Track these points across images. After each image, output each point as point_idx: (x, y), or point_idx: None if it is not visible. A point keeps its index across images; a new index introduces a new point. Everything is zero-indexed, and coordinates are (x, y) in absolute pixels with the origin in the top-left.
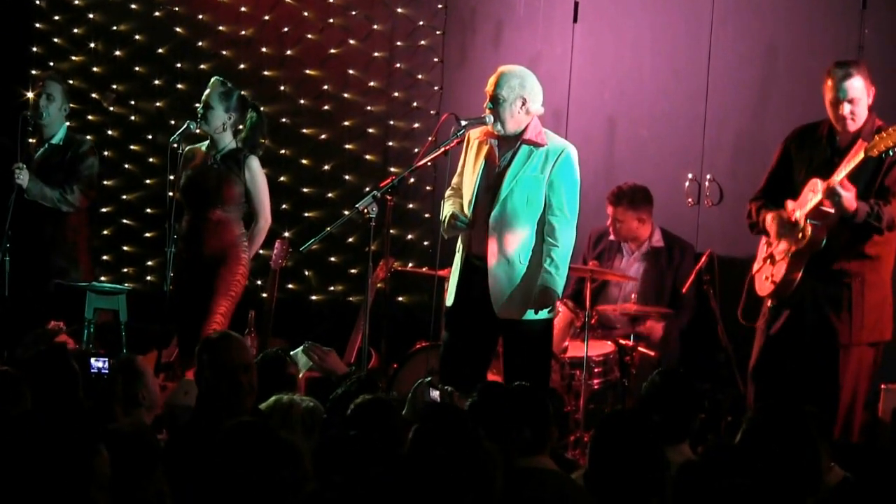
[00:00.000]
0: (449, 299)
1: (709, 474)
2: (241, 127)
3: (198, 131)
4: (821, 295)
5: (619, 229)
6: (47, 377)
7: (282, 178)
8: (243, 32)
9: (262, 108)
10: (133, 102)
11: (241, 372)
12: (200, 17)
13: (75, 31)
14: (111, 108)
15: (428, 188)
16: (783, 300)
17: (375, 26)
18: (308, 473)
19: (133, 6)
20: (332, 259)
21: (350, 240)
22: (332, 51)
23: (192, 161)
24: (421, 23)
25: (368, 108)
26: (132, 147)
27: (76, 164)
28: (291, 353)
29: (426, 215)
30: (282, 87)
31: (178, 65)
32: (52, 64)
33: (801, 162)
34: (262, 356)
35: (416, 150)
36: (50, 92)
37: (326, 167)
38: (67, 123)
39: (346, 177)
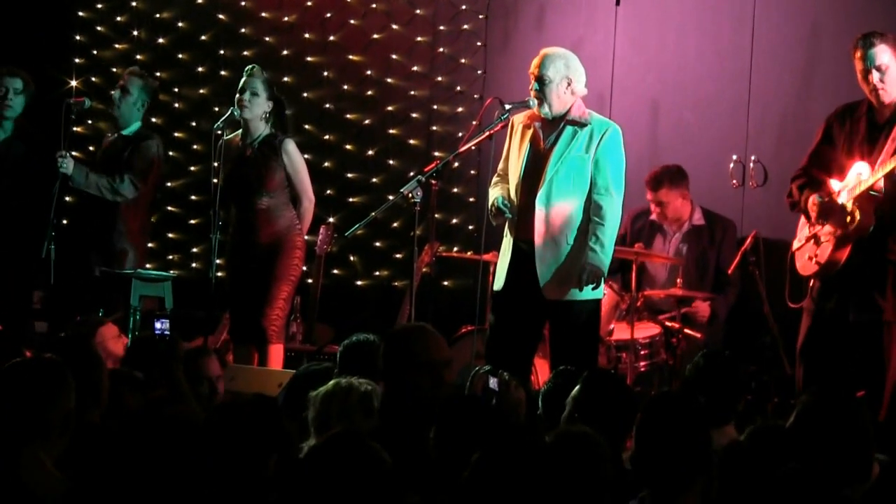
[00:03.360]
0: (497, 283)
1: (755, 457)
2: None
3: (240, 119)
4: (865, 274)
5: (664, 212)
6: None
7: (326, 164)
8: (286, 18)
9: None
10: (176, 90)
11: (444, 368)
12: (243, 3)
13: (118, 18)
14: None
15: (472, 172)
16: (827, 280)
17: (418, 11)
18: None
19: None
20: (377, 244)
21: (395, 225)
22: (375, 36)
23: (230, 153)
24: (464, 7)
25: (412, 92)
26: (176, 134)
27: (134, 155)
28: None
29: (471, 199)
30: (325, 73)
31: (221, 52)
32: (94, 52)
33: (842, 139)
34: (351, 341)
35: (460, 134)
36: (127, 87)
37: (370, 152)
38: (150, 120)
39: (390, 162)
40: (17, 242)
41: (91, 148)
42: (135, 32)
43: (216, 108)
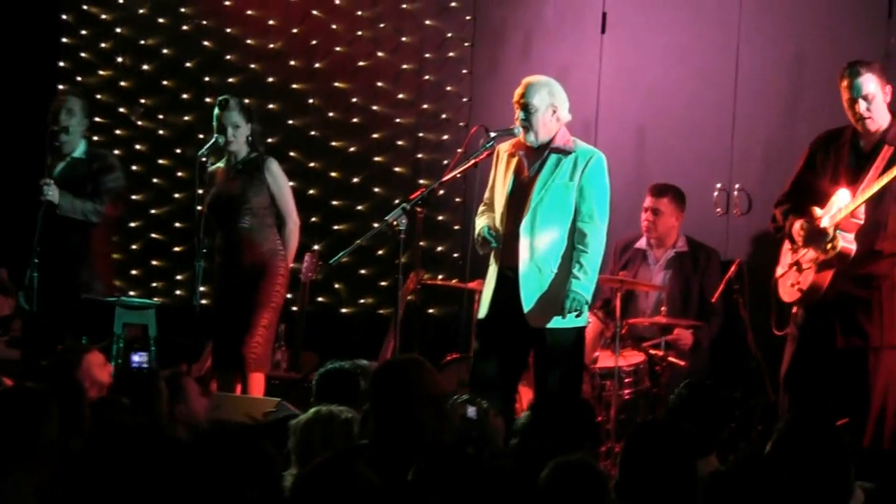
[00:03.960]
0: (482, 311)
1: (738, 485)
2: None
3: (223, 145)
4: (850, 299)
5: (655, 223)
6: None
7: (311, 191)
8: (272, 45)
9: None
10: (161, 116)
11: (445, 401)
12: (228, 30)
13: (103, 45)
14: (139, 123)
15: (458, 200)
16: (811, 307)
17: (404, 38)
18: None
19: (161, 20)
20: (362, 271)
21: (380, 252)
22: (361, 63)
23: (215, 180)
24: (449, 34)
25: (397, 120)
26: (160, 161)
27: (102, 176)
28: None
29: (456, 227)
30: (310, 100)
31: (207, 78)
32: (79, 79)
33: (826, 168)
34: (327, 370)
35: (446, 161)
36: (70, 107)
37: (356, 179)
38: (92, 138)
39: (376, 189)
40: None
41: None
42: (119, 59)
43: (201, 136)
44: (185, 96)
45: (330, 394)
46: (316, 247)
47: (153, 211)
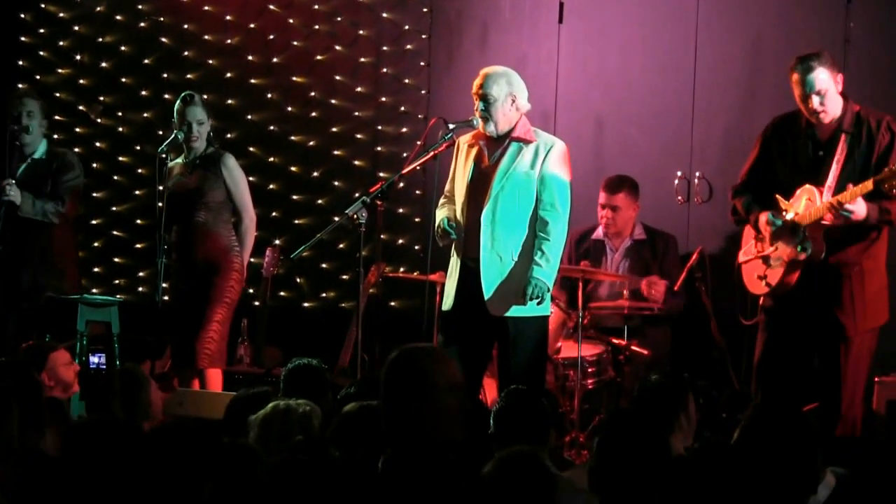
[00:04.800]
0: (446, 303)
1: (700, 471)
2: None
3: (183, 141)
4: (820, 289)
5: (615, 219)
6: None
7: (271, 186)
8: (229, 41)
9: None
10: (120, 114)
11: (455, 392)
12: (186, 26)
13: (61, 43)
14: (99, 120)
15: (418, 192)
16: (779, 298)
17: (361, 32)
18: None
19: (118, 17)
20: (324, 265)
21: (341, 246)
22: (319, 57)
23: (172, 174)
24: (406, 27)
25: (356, 113)
26: (121, 158)
27: (61, 175)
28: None
29: (416, 219)
30: (269, 95)
31: (165, 75)
32: (38, 77)
33: (783, 157)
34: (295, 366)
35: (405, 154)
36: (30, 109)
37: (315, 174)
38: (52, 136)
39: (336, 183)
40: None
41: None
42: (77, 57)
43: (160, 132)
44: (143, 93)
45: (298, 389)
46: (277, 241)
47: (114, 208)
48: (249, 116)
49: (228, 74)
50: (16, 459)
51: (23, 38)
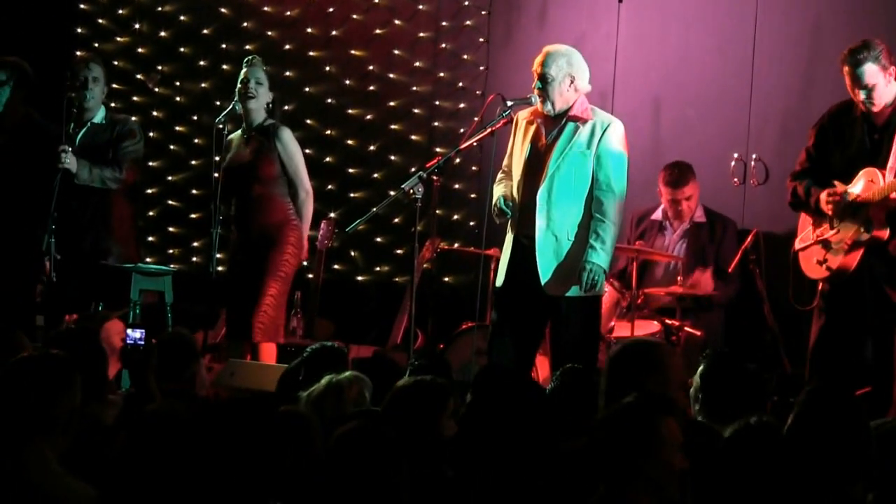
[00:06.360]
0: (499, 280)
1: (747, 454)
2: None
3: (241, 112)
4: (877, 272)
5: (689, 206)
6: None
7: (328, 159)
8: (288, 13)
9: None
10: (178, 83)
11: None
12: None
13: (120, 11)
14: (156, 89)
15: (474, 168)
16: (838, 283)
17: (421, 6)
18: None
19: None
20: (379, 239)
21: (396, 220)
22: (378, 31)
23: (230, 146)
24: (466, 3)
25: (414, 88)
26: (177, 128)
27: (122, 141)
28: None
29: (472, 195)
30: (327, 68)
31: (223, 46)
32: (96, 45)
33: (839, 145)
34: (315, 348)
35: (462, 130)
36: (95, 75)
37: (372, 147)
38: (109, 105)
39: (392, 157)
40: (19, 236)
41: None
42: (136, 26)
43: (217, 102)
44: (202, 63)
45: (319, 371)
46: (332, 214)
47: (170, 178)
48: (307, 89)
49: (287, 46)
50: (77, 430)
51: (82, 6)
